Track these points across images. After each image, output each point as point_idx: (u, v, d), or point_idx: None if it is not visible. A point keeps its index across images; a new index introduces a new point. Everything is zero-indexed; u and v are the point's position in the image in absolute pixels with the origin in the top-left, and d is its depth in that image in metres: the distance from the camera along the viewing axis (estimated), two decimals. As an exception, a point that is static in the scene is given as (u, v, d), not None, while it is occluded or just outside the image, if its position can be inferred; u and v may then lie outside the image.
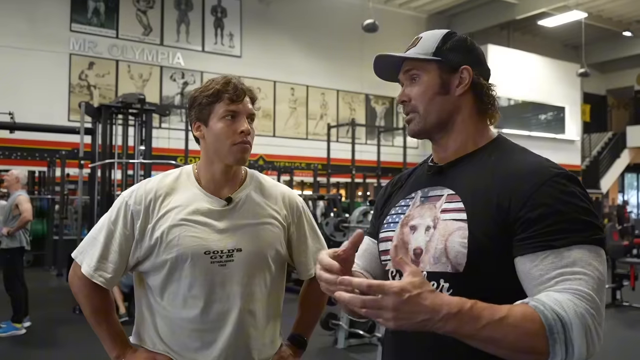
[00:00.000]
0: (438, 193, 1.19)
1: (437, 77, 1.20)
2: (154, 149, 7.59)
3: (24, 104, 11.64)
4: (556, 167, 1.09)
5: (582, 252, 1.01)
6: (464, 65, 1.20)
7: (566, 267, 1.00)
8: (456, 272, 1.09)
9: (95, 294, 1.54)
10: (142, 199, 1.52)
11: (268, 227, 1.57)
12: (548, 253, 1.01)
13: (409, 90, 1.22)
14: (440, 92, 1.20)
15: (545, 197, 1.04)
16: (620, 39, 19.04)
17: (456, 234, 1.09)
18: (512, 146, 1.21)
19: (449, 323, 0.94)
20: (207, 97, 1.50)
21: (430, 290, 0.94)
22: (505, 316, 0.95)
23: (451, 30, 1.26)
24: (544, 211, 1.03)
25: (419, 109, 1.21)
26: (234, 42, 15.34)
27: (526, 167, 1.10)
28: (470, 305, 0.95)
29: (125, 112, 7.59)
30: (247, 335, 1.52)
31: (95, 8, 13.75)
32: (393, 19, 16.59)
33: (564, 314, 0.95)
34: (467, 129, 1.21)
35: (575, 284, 0.98)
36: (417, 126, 1.22)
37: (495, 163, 1.15)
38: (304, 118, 16.33)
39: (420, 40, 1.24)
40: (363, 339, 5.28)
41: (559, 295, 0.97)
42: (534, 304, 0.97)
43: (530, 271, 1.03)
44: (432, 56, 1.20)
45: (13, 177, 6.01)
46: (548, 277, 1.00)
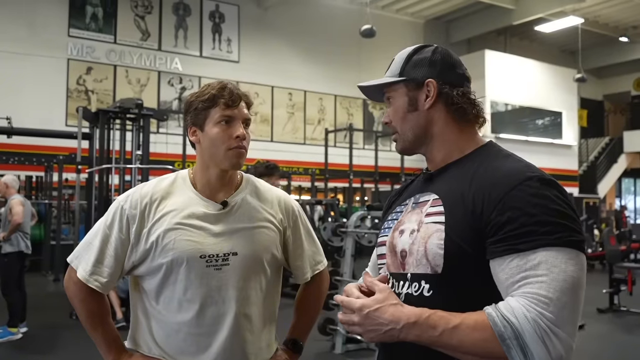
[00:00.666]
0: (426, 198, 1.23)
1: (404, 95, 1.26)
2: (151, 154, 7.60)
3: (21, 108, 11.65)
4: (532, 171, 1.09)
5: (548, 255, 1.00)
6: (428, 79, 1.23)
7: (530, 270, 1.01)
8: (435, 274, 1.12)
9: (91, 299, 1.54)
10: (137, 203, 1.52)
11: (264, 230, 1.57)
12: (514, 256, 1.03)
13: (389, 112, 1.30)
14: (409, 110, 1.25)
15: (515, 201, 1.05)
16: (616, 45, 19.11)
17: (434, 236, 1.13)
18: (498, 152, 1.21)
19: (410, 332, 1.05)
20: (202, 102, 1.50)
21: (392, 303, 1.07)
22: (458, 324, 1.02)
23: (420, 45, 1.30)
24: (512, 214, 1.04)
25: (397, 129, 1.28)
26: (231, 48, 15.37)
27: (502, 171, 1.12)
28: (427, 315, 1.04)
29: (122, 117, 7.59)
30: (242, 339, 1.52)
31: (93, 13, 13.77)
32: (390, 24, 16.65)
33: (514, 320, 0.98)
34: (447, 138, 1.24)
35: (535, 287, 0.99)
36: (399, 145, 1.30)
37: (477, 168, 1.17)
38: (302, 123, 16.35)
39: (392, 62, 1.30)
40: (361, 344, 5.27)
41: (513, 301, 1.01)
42: (489, 312, 1.02)
43: (498, 275, 1.05)
44: (398, 77, 1.26)
45: (2, 184, 5.98)
46: (512, 281, 1.02)
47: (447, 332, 1.02)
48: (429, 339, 1.03)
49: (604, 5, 16.13)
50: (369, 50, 15.86)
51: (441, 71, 1.24)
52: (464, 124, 1.24)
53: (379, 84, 1.30)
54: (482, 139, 1.26)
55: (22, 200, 5.98)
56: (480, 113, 1.25)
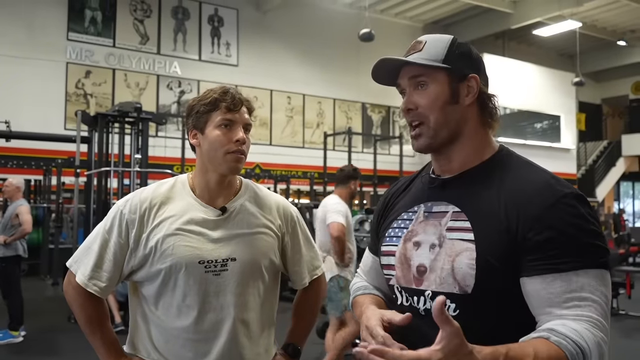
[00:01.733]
0: (443, 209, 1.16)
1: (447, 85, 1.15)
2: (150, 157, 7.60)
3: (20, 112, 11.64)
4: (565, 187, 1.08)
5: (589, 277, 1.01)
6: (472, 74, 1.16)
7: (574, 292, 1.00)
8: (464, 294, 1.08)
9: (90, 303, 1.54)
10: (136, 208, 1.52)
11: (262, 236, 1.57)
12: (556, 276, 1.01)
13: (416, 98, 1.16)
14: (450, 102, 1.15)
15: (553, 220, 1.03)
16: (614, 48, 19.16)
17: (464, 255, 1.07)
18: (518, 160, 1.18)
19: None
20: (204, 106, 1.52)
21: (465, 353, 0.91)
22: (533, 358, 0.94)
23: (455, 37, 1.21)
24: (552, 234, 1.02)
25: (428, 118, 1.15)
26: (230, 51, 15.38)
27: (534, 186, 1.08)
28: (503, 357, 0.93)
29: (121, 120, 7.59)
30: (241, 344, 1.52)
31: (92, 17, 13.78)
32: (389, 28, 16.67)
33: (585, 344, 0.96)
34: (472, 140, 1.18)
35: (586, 310, 0.99)
36: (426, 141, 1.16)
37: (502, 180, 1.12)
38: (301, 126, 16.36)
39: (424, 45, 1.17)
40: (359, 347, 5.26)
41: (575, 325, 0.98)
42: (555, 339, 0.97)
43: (539, 293, 1.03)
44: (442, 63, 1.14)
45: (14, 187, 6.01)
46: (557, 300, 1.01)
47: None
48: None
49: (601, 9, 16.17)
50: (368, 54, 15.87)
51: (480, 69, 1.19)
52: (486, 128, 1.20)
53: (412, 63, 1.15)
54: (495, 143, 1.22)
55: (29, 208, 6.01)
56: (499, 120, 1.21)
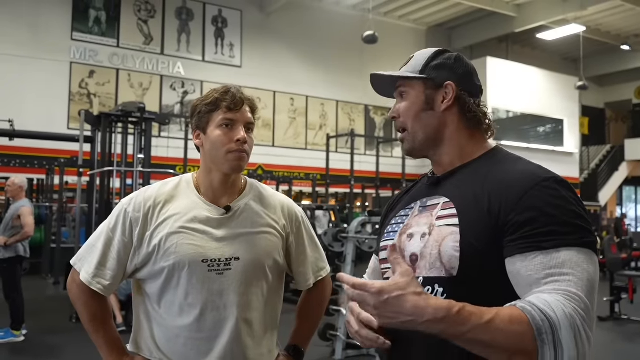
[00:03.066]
0: (435, 202, 1.21)
1: (421, 93, 1.25)
2: (153, 157, 7.60)
3: (24, 111, 11.67)
4: (546, 173, 1.11)
5: (571, 254, 1.01)
6: (448, 82, 1.24)
7: (555, 268, 1.00)
8: (450, 277, 1.11)
9: (93, 301, 1.54)
10: (141, 207, 1.52)
11: (266, 236, 1.57)
12: (537, 254, 1.02)
13: (398, 106, 1.28)
14: (424, 108, 1.24)
15: (534, 200, 1.05)
16: (618, 53, 19.14)
17: (449, 239, 1.11)
18: (507, 155, 1.23)
19: (435, 326, 0.95)
20: (206, 106, 1.52)
21: (414, 292, 0.96)
22: (492, 319, 0.95)
23: (442, 49, 1.30)
24: (533, 214, 1.04)
25: (407, 125, 1.26)
26: (234, 52, 15.41)
27: (517, 173, 1.12)
28: (457, 310, 0.95)
29: (125, 120, 7.60)
30: (243, 344, 1.51)
31: (96, 17, 13.82)
32: (393, 30, 16.68)
33: (553, 314, 0.95)
34: (457, 142, 1.24)
35: (564, 285, 0.99)
36: (408, 145, 1.28)
37: (488, 171, 1.17)
38: (304, 128, 16.36)
39: (412, 59, 1.30)
40: (361, 350, 5.26)
41: (547, 296, 0.98)
42: (521, 305, 0.97)
43: (520, 271, 1.03)
44: (418, 74, 1.25)
45: (17, 186, 5.97)
46: (537, 277, 1.01)
47: (479, 328, 0.94)
48: (455, 334, 0.95)
49: (606, 13, 16.16)
50: (371, 57, 15.89)
51: (461, 77, 1.25)
52: (475, 130, 1.26)
53: (395, 76, 1.28)
54: (490, 144, 1.27)
55: (32, 209, 5.98)
56: (492, 126, 1.27)
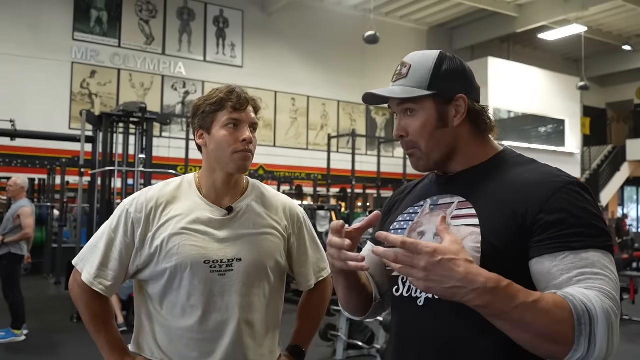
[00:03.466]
0: (448, 201, 1.19)
1: (434, 111, 1.16)
2: (154, 157, 7.61)
3: (25, 111, 11.68)
4: (569, 176, 1.12)
5: (599, 256, 1.03)
6: (459, 94, 1.17)
7: (586, 268, 1.01)
8: None
9: (95, 302, 1.54)
10: (143, 207, 1.52)
11: (268, 237, 1.57)
12: (567, 254, 1.02)
13: (406, 124, 1.19)
14: (439, 126, 1.17)
15: (562, 202, 1.06)
16: (619, 53, 19.12)
17: (469, 239, 1.09)
18: (520, 157, 1.22)
19: (483, 297, 0.93)
20: (210, 105, 1.51)
21: (466, 259, 0.95)
22: (538, 299, 0.95)
23: (440, 52, 1.20)
24: (561, 215, 1.05)
25: (420, 145, 1.18)
26: (235, 53, 15.41)
27: (540, 175, 1.12)
28: (507, 284, 0.95)
29: (126, 120, 7.60)
30: (245, 345, 1.51)
31: (98, 17, 13.83)
32: (394, 30, 16.68)
33: (592, 306, 0.95)
34: (470, 151, 1.21)
35: (597, 283, 1.00)
36: (423, 165, 1.20)
37: (507, 172, 1.16)
38: (305, 128, 16.37)
39: (410, 69, 1.18)
40: (362, 350, 5.25)
41: (586, 290, 0.98)
42: (562, 294, 0.97)
43: (550, 270, 1.03)
44: (427, 90, 1.16)
45: (18, 187, 5.98)
46: (569, 276, 1.01)
47: (524, 306, 0.93)
48: (500, 308, 0.94)
49: (607, 13, 16.14)
50: (373, 57, 15.89)
51: (468, 85, 1.20)
52: (484, 136, 1.24)
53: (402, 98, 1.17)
54: (497, 145, 1.26)
55: (33, 210, 5.99)
56: (494, 125, 1.24)
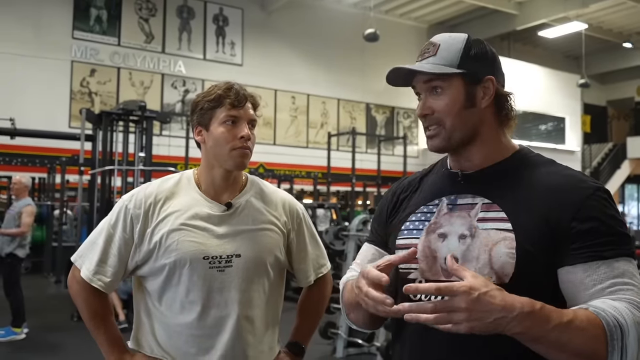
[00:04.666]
0: (469, 201, 1.16)
1: (462, 89, 1.15)
2: (154, 156, 7.59)
3: (25, 110, 11.66)
4: (594, 181, 1.12)
5: (627, 264, 1.05)
6: (488, 76, 1.16)
7: (617, 278, 1.03)
8: (501, 283, 1.05)
9: (94, 298, 1.53)
10: (141, 203, 1.52)
11: (267, 233, 1.56)
12: (600, 264, 1.03)
13: (432, 103, 1.16)
14: (466, 106, 1.15)
15: (593, 210, 1.07)
16: (620, 51, 19.10)
17: (502, 244, 1.07)
18: (542, 158, 1.21)
19: (522, 322, 0.93)
20: (208, 102, 1.51)
21: (497, 288, 0.94)
22: (572, 319, 0.95)
23: (468, 35, 1.19)
24: (593, 224, 1.05)
25: (445, 122, 1.15)
26: (235, 51, 15.40)
27: (568, 179, 1.12)
28: (540, 306, 0.95)
29: (126, 119, 7.60)
30: (244, 341, 1.51)
31: (97, 16, 13.81)
32: (394, 28, 16.65)
33: (623, 320, 0.96)
34: (491, 140, 1.19)
35: (628, 293, 1.01)
36: (442, 142, 1.17)
37: (531, 174, 1.15)
38: (305, 126, 16.36)
39: (439, 48, 1.16)
40: (362, 348, 5.25)
41: (616, 303, 0.99)
42: (594, 309, 0.98)
43: (583, 280, 1.04)
44: (457, 68, 1.14)
45: (22, 185, 6.04)
46: (601, 286, 1.03)
47: (560, 327, 0.94)
48: (539, 332, 0.94)
49: (608, 10, 16.12)
50: (373, 55, 15.87)
51: (496, 68, 1.19)
52: (506, 127, 1.21)
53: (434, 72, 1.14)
54: (514, 143, 1.24)
55: (34, 209, 6.02)
56: (516, 118, 1.21)
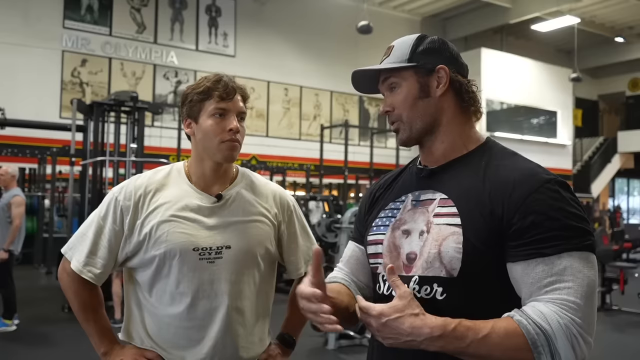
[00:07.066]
0: (430, 197, 1.18)
1: (414, 81, 1.19)
2: (146, 147, 7.57)
3: (15, 100, 11.57)
4: (547, 173, 1.10)
5: (572, 260, 1.03)
6: (440, 65, 1.19)
7: (556, 276, 1.02)
8: (450, 277, 1.10)
9: (84, 290, 1.53)
10: (131, 195, 1.51)
11: (258, 224, 1.56)
12: (539, 261, 1.03)
13: (391, 100, 1.22)
14: (420, 96, 1.19)
15: (537, 204, 1.05)
16: (612, 45, 19.18)
17: (450, 239, 1.10)
18: (503, 150, 1.20)
19: (434, 344, 1.01)
20: (197, 94, 1.50)
21: (412, 313, 1.02)
22: (488, 334, 1.00)
23: (422, 34, 1.25)
24: (535, 218, 1.04)
25: (402, 117, 1.20)
26: (228, 42, 15.31)
27: (518, 173, 1.10)
28: (453, 327, 1.01)
29: (117, 109, 7.55)
30: (234, 333, 1.52)
31: (88, 5, 13.68)
32: (387, 21, 16.62)
33: (547, 327, 0.99)
34: (453, 129, 1.20)
35: (564, 293, 1.01)
36: (404, 134, 1.22)
37: (487, 167, 1.15)
38: (297, 118, 16.33)
39: (392, 49, 1.23)
40: (353, 340, 5.28)
41: (543, 308, 1.01)
42: (517, 319, 1.01)
43: (522, 279, 1.05)
44: (407, 62, 1.19)
45: (9, 175, 5.94)
46: (539, 285, 1.03)
47: (475, 343, 1.00)
48: (455, 349, 1.01)
49: (600, 5, 16.17)
50: (366, 47, 15.82)
51: (450, 59, 1.21)
52: (467, 117, 1.22)
53: (381, 69, 1.22)
54: (481, 136, 1.24)
55: (23, 198, 5.96)
56: (480, 107, 1.24)
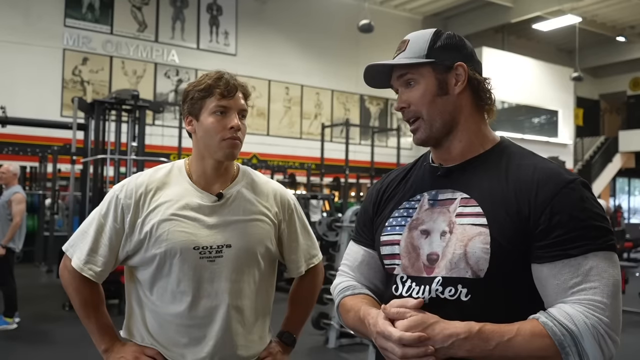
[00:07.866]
0: (449, 196, 1.16)
1: (433, 78, 1.17)
2: (146, 145, 7.56)
3: (16, 98, 11.58)
4: (569, 174, 1.10)
5: (598, 260, 1.03)
6: (458, 62, 1.17)
7: (582, 276, 1.02)
8: (476, 278, 1.08)
9: (85, 287, 1.54)
10: (132, 193, 1.51)
11: (258, 223, 1.56)
12: (565, 262, 1.03)
13: (407, 96, 1.19)
14: (439, 94, 1.17)
15: (563, 204, 1.05)
16: (613, 44, 19.16)
17: (477, 240, 1.08)
18: (521, 150, 1.20)
19: (461, 347, 1.01)
20: (199, 92, 1.50)
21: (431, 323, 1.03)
22: (514, 336, 1.00)
23: (438, 29, 1.23)
24: (561, 218, 1.04)
25: (421, 114, 1.17)
26: (229, 40, 15.31)
27: (541, 173, 1.10)
28: (478, 329, 1.01)
29: (118, 108, 7.55)
30: (235, 331, 1.52)
31: (90, 3, 13.68)
32: (389, 20, 16.61)
33: (574, 327, 0.99)
34: (470, 128, 1.19)
35: (590, 293, 1.02)
36: (424, 134, 1.18)
37: (508, 168, 1.14)
38: (298, 117, 16.33)
39: (408, 43, 1.20)
40: (354, 338, 5.28)
41: (569, 309, 1.01)
42: (543, 320, 1.01)
43: (548, 280, 1.05)
44: (425, 58, 1.17)
45: (11, 173, 5.97)
46: (565, 287, 1.03)
47: (502, 345, 1.00)
48: (482, 352, 1.01)
49: (602, 4, 16.15)
50: (367, 46, 15.83)
51: (467, 56, 1.20)
52: (482, 114, 1.21)
53: (397, 64, 1.19)
54: (495, 135, 1.24)
55: (24, 196, 5.97)
56: (494, 105, 1.22)
